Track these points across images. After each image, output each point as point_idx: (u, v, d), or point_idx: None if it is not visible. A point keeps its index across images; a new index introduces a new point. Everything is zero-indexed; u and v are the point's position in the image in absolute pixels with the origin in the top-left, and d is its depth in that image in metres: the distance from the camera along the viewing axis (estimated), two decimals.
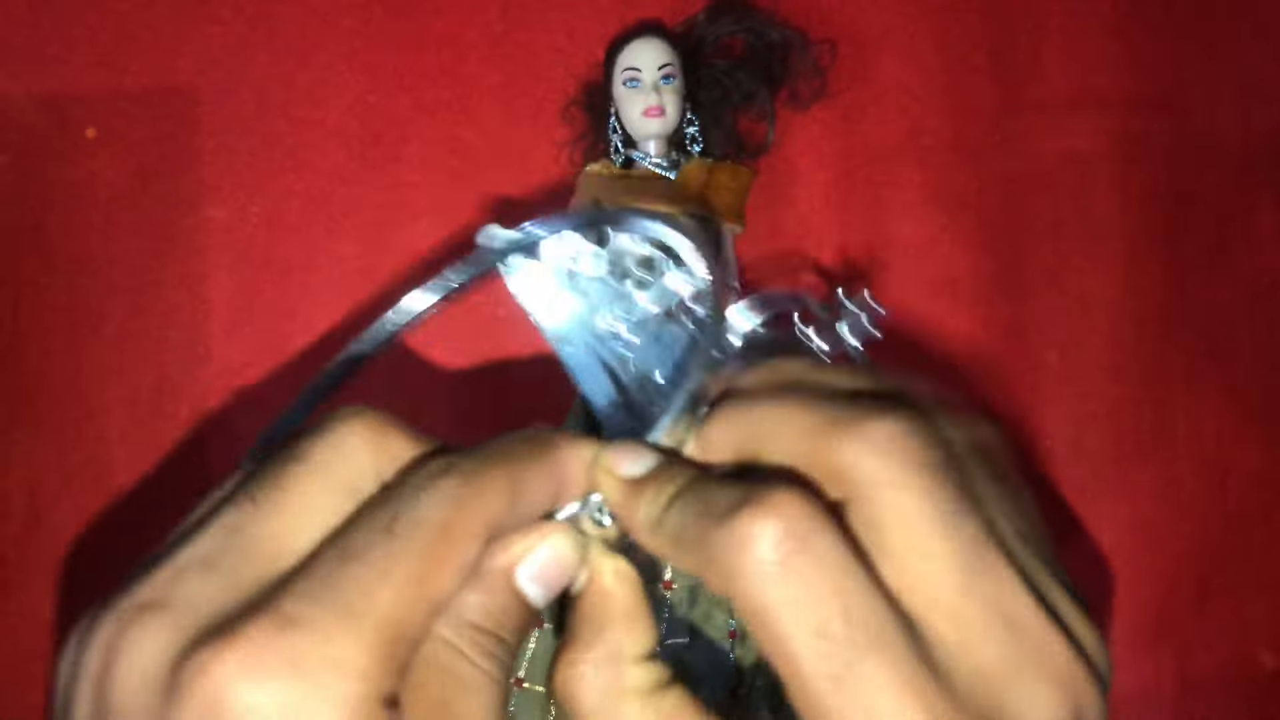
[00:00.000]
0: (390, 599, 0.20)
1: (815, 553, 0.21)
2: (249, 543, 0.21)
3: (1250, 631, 0.62)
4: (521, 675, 0.55)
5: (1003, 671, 0.21)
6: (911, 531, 0.21)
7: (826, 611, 0.20)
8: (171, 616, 0.20)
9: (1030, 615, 0.21)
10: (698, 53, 0.58)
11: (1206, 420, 0.63)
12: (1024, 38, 0.63)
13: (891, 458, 0.22)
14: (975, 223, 0.62)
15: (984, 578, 0.21)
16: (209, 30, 0.60)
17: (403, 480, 0.22)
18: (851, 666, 0.20)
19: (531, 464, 0.23)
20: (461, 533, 0.22)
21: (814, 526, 0.21)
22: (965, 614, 0.21)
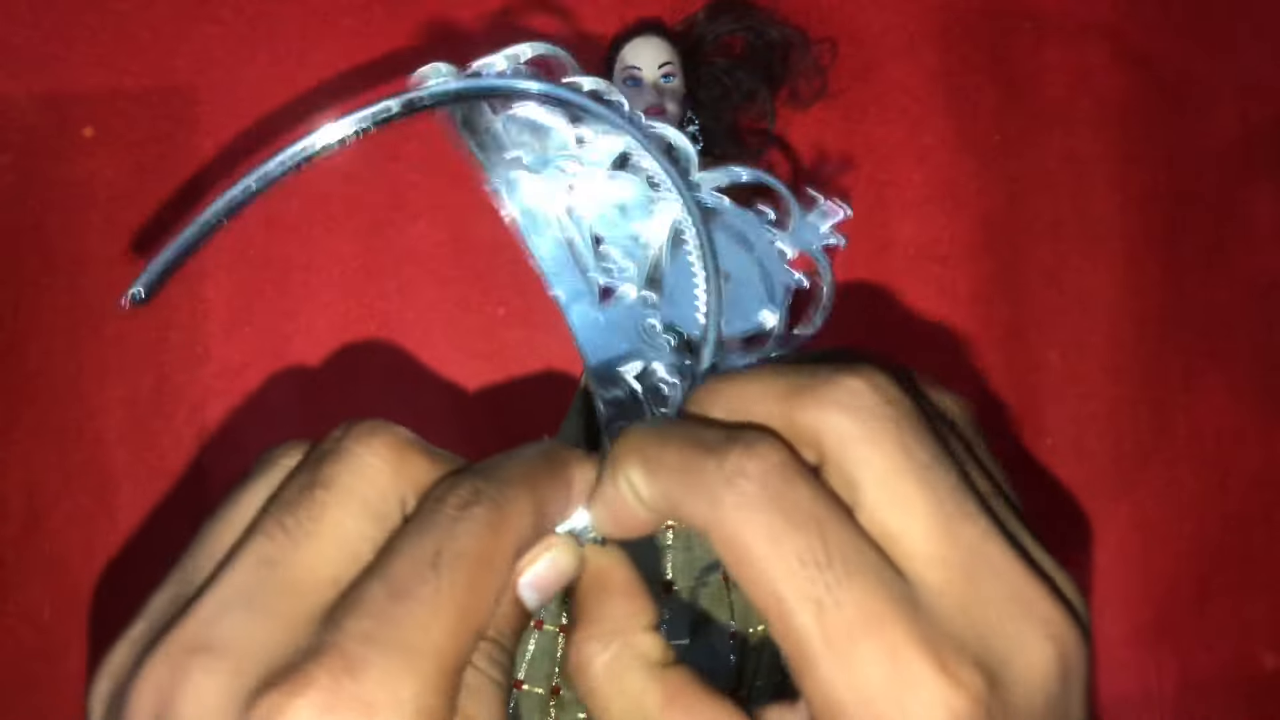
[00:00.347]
0: (444, 633, 0.21)
1: (796, 486, 0.21)
2: (286, 576, 0.21)
3: (1250, 631, 0.62)
4: (521, 677, 0.55)
5: (988, 615, 0.21)
6: (888, 485, 0.22)
7: (807, 538, 0.21)
8: (226, 660, 0.20)
9: (1012, 562, 0.22)
10: (698, 51, 0.58)
11: (1206, 420, 0.63)
12: (1024, 38, 0.63)
13: (860, 414, 0.22)
14: (975, 223, 0.62)
15: (964, 525, 0.21)
16: (208, 30, 0.60)
17: (433, 508, 0.22)
18: (832, 591, 0.20)
19: (550, 483, 0.24)
20: (499, 559, 0.22)
21: (794, 465, 0.22)
22: (949, 560, 0.21)
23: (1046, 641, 0.21)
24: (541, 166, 0.31)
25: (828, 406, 0.22)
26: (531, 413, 0.59)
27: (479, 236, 0.60)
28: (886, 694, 0.20)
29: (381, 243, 0.60)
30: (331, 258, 0.60)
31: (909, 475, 0.22)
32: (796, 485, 0.21)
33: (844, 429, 0.22)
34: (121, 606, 0.59)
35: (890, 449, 0.22)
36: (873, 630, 0.20)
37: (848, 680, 0.20)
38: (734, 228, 0.31)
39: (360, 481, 0.23)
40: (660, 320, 0.31)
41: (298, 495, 0.22)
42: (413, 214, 0.61)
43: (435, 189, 0.61)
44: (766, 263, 0.31)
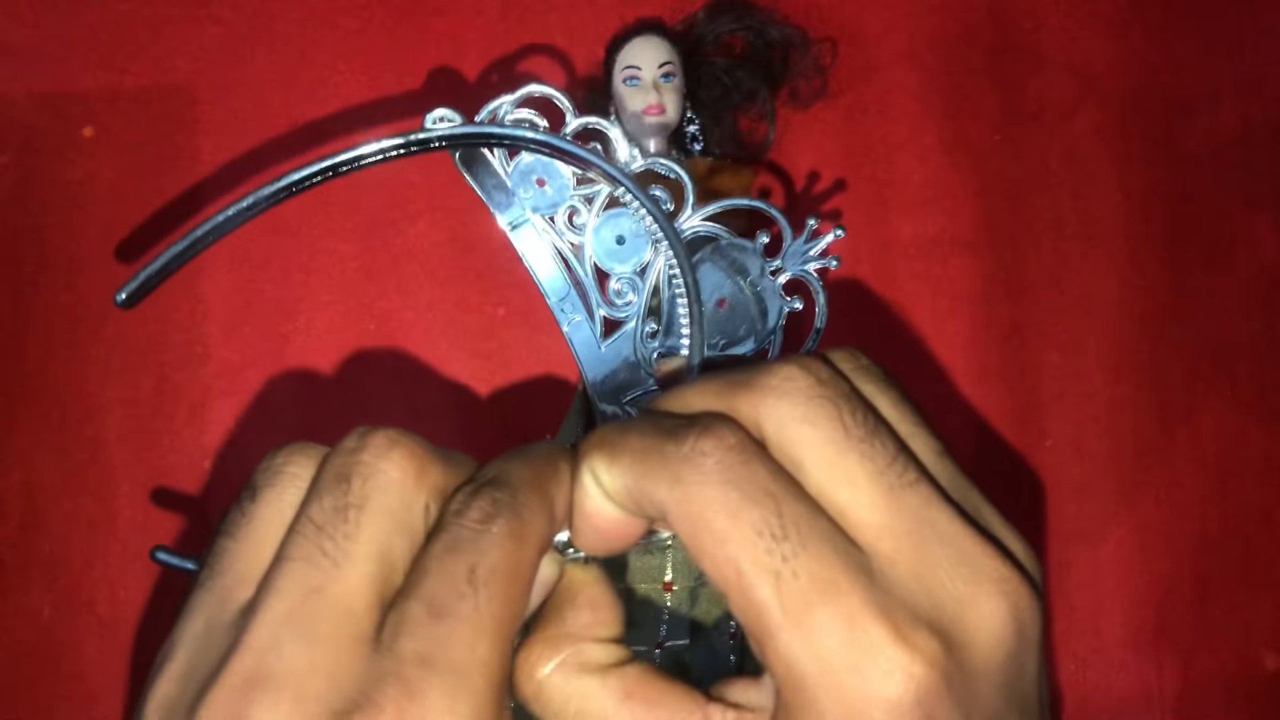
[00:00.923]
0: (489, 648, 0.22)
1: (752, 463, 0.22)
2: (335, 603, 0.22)
3: (1251, 632, 0.62)
4: None
5: (939, 579, 0.22)
6: (830, 461, 0.22)
7: (763, 511, 0.22)
8: (289, 691, 0.21)
9: (956, 525, 0.22)
10: (698, 51, 0.58)
11: (1207, 420, 0.63)
12: (1024, 38, 0.63)
13: (796, 396, 0.23)
14: (975, 223, 0.62)
15: (907, 493, 0.22)
16: (208, 30, 0.60)
17: (457, 523, 0.23)
18: (789, 562, 0.21)
19: (557, 486, 0.25)
20: (526, 568, 0.23)
21: (750, 444, 0.23)
22: (895, 528, 0.22)
23: (998, 599, 0.22)
24: (545, 207, 0.33)
25: (765, 393, 0.23)
26: (531, 413, 0.59)
27: (479, 236, 0.60)
28: (845, 662, 0.21)
29: (381, 243, 0.60)
30: (331, 258, 0.60)
31: (849, 450, 0.22)
32: (752, 462, 0.22)
33: (782, 412, 0.23)
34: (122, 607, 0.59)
35: (828, 426, 0.23)
36: (829, 599, 0.21)
37: (807, 649, 0.21)
38: (730, 256, 0.33)
39: (389, 498, 0.23)
40: (659, 348, 0.32)
41: (333, 517, 0.23)
42: (413, 214, 0.60)
43: (435, 189, 0.61)
44: (762, 288, 0.33)
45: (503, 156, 0.33)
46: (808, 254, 0.33)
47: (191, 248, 0.29)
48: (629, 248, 0.32)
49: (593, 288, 0.33)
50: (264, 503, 0.24)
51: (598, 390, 0.33)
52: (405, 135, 0.31)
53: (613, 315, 0.33)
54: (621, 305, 0.33)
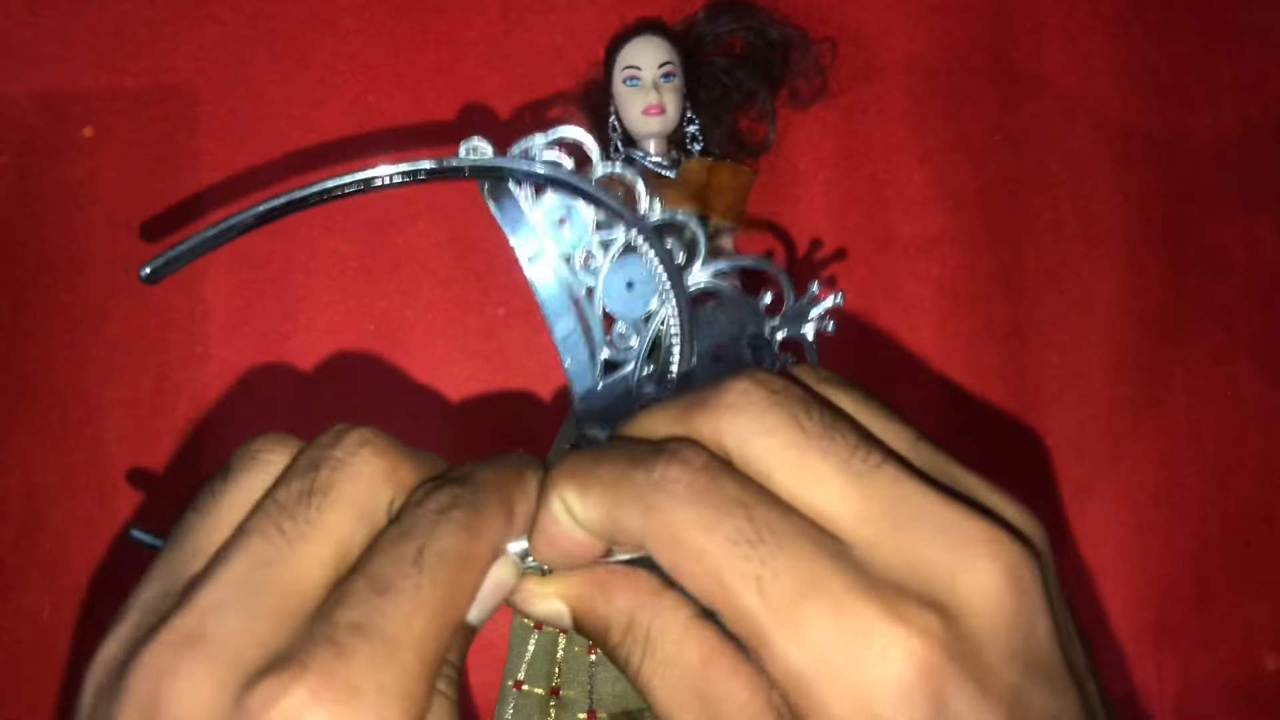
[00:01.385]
0: (425, 625, 0.22)
1: (720, 479, 0.22)
2: (282, 576, 0.22)
3: (1251, 632, 0.62)
4: (521, 678, 0.55)
5: (924, 553, 0.21)
6: (794, 464, 0.22)
7: (735, 520, 0.22)
8: (222, 651, 0.21)
9: (930, 496, 0.22)
10: (698, 51, 0.58)
11: (1206, 421, 0.63)
12: (1024, 38, 0.63)
13: (751, 409, 0.23)
14: (975, 223, 0.62)
15: (875, 475, 0.22)
16: (208, 30, 0.60)
17: (414, 511, 0.24)
18: (768, 564, 0.21)
19: (519, 492, 0.25)
20: (475, 560, 0.23)
21: (716, 463, 0.23)
22: (869, 513, 0.22)
23: (988, 561, 0.21)
24: (564, 247, 0.34)
25: (721, 411, 0.23)
26: (531, 413, 0.59)
27: (479, 236, 0.60)
28: (841, 650, 0.20)
29: (381, 243, 0.60)
30: (331, 258, 0.60)
31: (809, 449, 0.22)
32: (719, 478, 0.22)
33: (740, 427, 0.23)
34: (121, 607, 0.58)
35: (785, 431, 0.23)
36: (814, 591, 0.21)
37: (801, 646, 0.21)
38: (732, 310, 0.34)
39: (354, 488, 0.24)
40: (653, 392, 0.34)
41: (295, 501, 0.23)
42: (413, 214, 0.60)
43: (435, 189, 0.61)
44: (758, 345, 0.34)
45: (529, 192, 0.34)
46: (806, 316, 0.35)
47: (221, 235, 0.30)
48: (638, 294, 0.34)
49: (598, 329, 0.34)
50: (234, 484, 0.25)
51: (584, 425, 0.34)
52: (440, 161, 0.33)
53: (614, 358, 0.34)
54: (623, 349, 0.34)
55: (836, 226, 0.62)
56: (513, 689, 0.55)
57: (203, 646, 0.21)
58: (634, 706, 0.54)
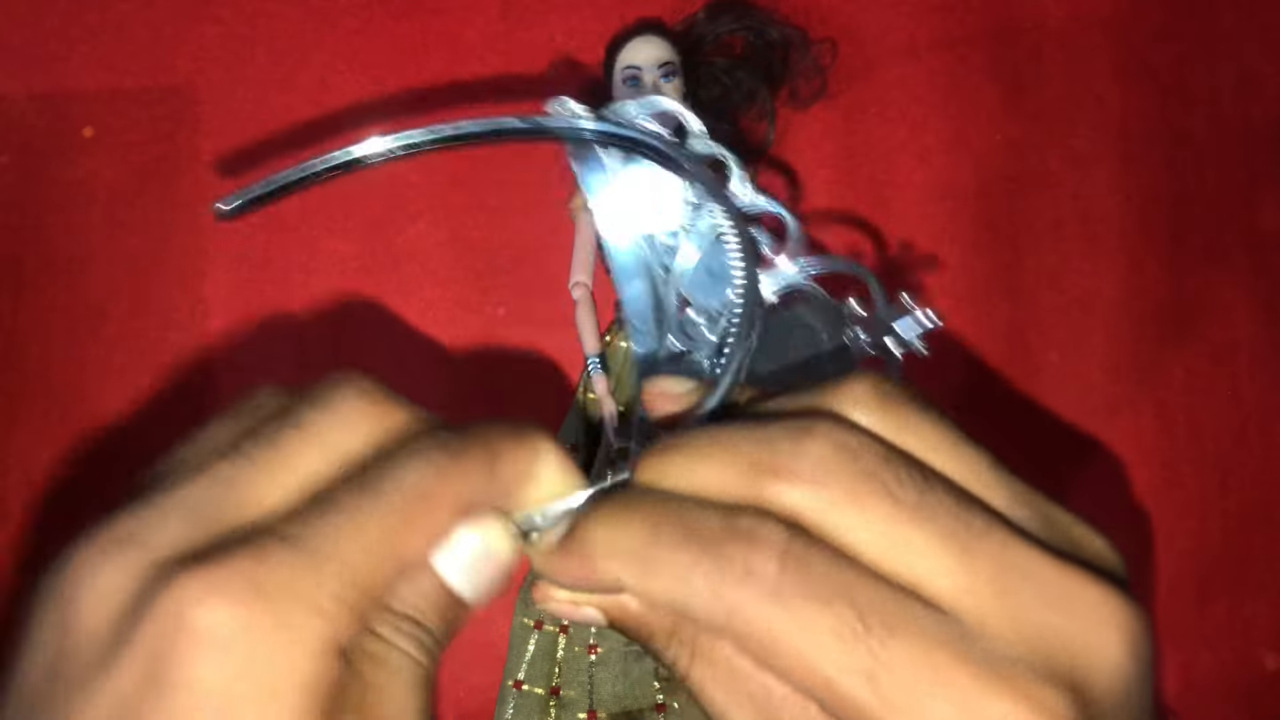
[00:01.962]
0: (359, 549, 0.21)
1: (811, 563, 0.20)
2: (234, 495, 0.21)
3: (1251, 631, 0.62)
4: (521, 678, 0.55)
5: (1040, 625, 0.20)
6: (887, 536, 0.21)
7: (839, 610, 0.20)
8: (147, 552, 0.20)
9: (1039, 560, 0.20)
10: (698, 51, 0.58)
11: (1207, 420, 0.63)
12: (1024, 38, 0.63)
13: (832, 480, 0.21)
14: (975, 223, 0.62)
15: (978, 544, 0.20)
16: (208, 30, 0.60)
17: (390, 449, 0.23)
18: (879, 656, 0.19)
19: (514, 455, 0.24)
20: (437, 500, 0.22)
21: (801, 541, 0.20)
22: (976, 585, 0.20)
23: (1108, 630, 0.20)
24: (646, 221, 0.32)
25: (799, 484, 0.21)
26: (531, 413, 0.59)
27: (479, 236, 0.60)
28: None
29: (381, 243, 0.60)
30: (331, 258, 0.60)
31: (904, 520, 0.20)
32: (811, 562, 0.20)
33: (822, 500, 0.21)
34: None
35: (875, 502, 0.21)
36: (934, 682, 0.19)
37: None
38: (819, 313, 0.32)
39: (330, 423, 0.23)
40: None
41: (266, 429, 0.23)
42: (413, 214, 0.60)
43: (435, 189, 0.61)
44: (839, 353, 0.32)
45: (618, 156, 0.32)
46: (892, 330, 0.32)
47: (305, 180, 0.29)
48: (718, 282, 0.31)
49: (673, 315, 0.32)
50: (223, 423, 0.24)
51: (634, 408, 0.33)
52: (533, 121, 0.30)
53: (681, 345, 0.32)
54: (691, 336, 0.32)
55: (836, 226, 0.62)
56: (513, 689, 0.55)
57: (131, 548, 0.21)
58: (634, 706, 0.54)
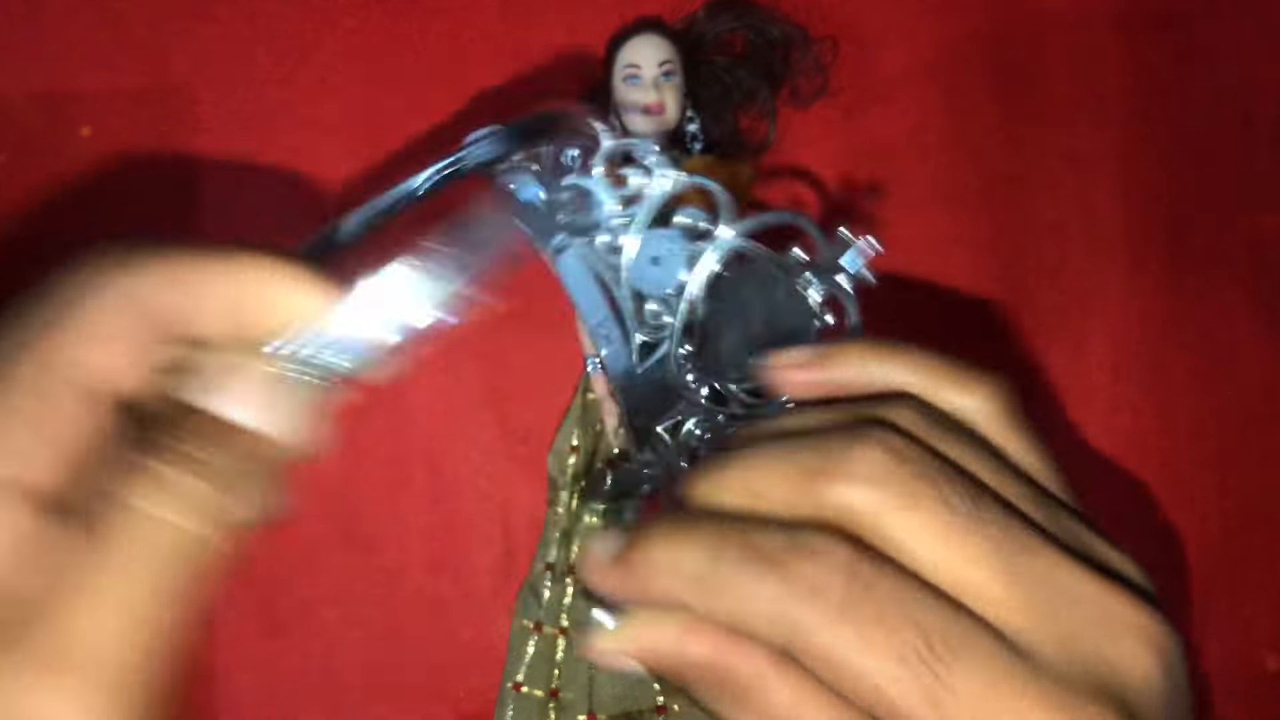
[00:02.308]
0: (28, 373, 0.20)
1: (876, 582, 0.21)
2: None
3: (1250, 631, 0.62)
4: (520, 680, 0.55)
5: (1086, 646, 0.21)
6: (940, 544, 0.21)
7: (903, 634, 0.20)
8: None
9: (1084, 580, 0.21)
10: (698, 49, 0.58)
11: (1207, 420, 0.63)
12: (1024, 38, 0.63)
13: (889, 484, 0.21)
14: (976, 222, 0.62)
15: (1027, 560, 0.21)
16: (207, 29, 0.60)
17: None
18: (943, 680, 0.20)
19: (224, 267, 0.22)
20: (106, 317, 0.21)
21: (864, 558, 0.21)
22: (1025, 602, 0.21)
23: (1145, 649, 0.21)
24: (587, 230, 0.32)
25: (855, 485, 0.22)
26: (531, 413, 0.59)
27: None
28: None
29: None
30: None
31: (957, 530, 0.21)
32: (876, 581, 0.21)
33: (876, 503, 0.21)
34: None
35: (930, 508, 0.21)
36: (998, 706, 0.20)
37: None
38: (766, 272, 0.32)
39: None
40: (694, 373, 0.32)
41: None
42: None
43: None
44: (796, 305, 0.33)
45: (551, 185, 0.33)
46: (840, 267, 0.33)
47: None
48: (665, 269, 0.32)
49: (629, 311, 0.32)
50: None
51: (632, 415, 0.32)
52: (458, 158, 0.32)
53: (650, 338, 0.32)
54: (656, 327, 0.32)
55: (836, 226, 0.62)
56: (512, 691, 0.55)
57: None
58: (634, 709, 0.54)
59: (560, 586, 0.55)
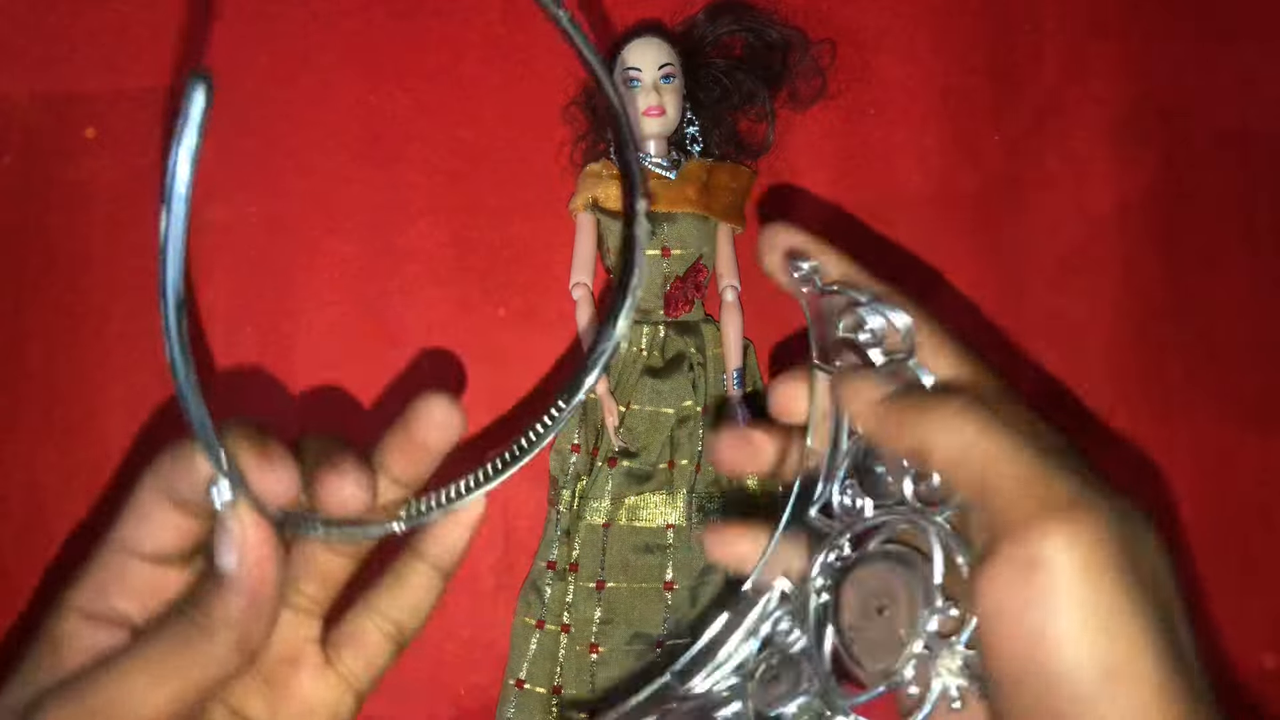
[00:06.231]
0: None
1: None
2: None
3: (1251, 632, 0.62)
4: (523, 677, 0.55)
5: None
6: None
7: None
8: None
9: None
10: (698, 52, 0.58)
11: (1207, 420, 0.63)
12: (1024, 38, 0.63)
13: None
14: (975, 223, 0.62)
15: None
16: (208, 31, 0.60)
17: None
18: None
19: (169, 465, 0.34)
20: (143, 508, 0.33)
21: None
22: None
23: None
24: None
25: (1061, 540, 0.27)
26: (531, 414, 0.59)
27: (479, 237, 0.61)
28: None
29: (381, 243, 0.60)
30: (331, 258, 0.60)
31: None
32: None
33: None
34: None
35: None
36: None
37: None
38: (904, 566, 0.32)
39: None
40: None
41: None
42: (413, 214, 0.61)
43: (435, 189, 0.61)
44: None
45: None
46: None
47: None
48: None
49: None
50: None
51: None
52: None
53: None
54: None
55: (836, 226, 0.62)
56: (514, 688, 0.55)
57: None
58: None
59: (562, 584, 0.55)
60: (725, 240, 0.57)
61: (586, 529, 0.55)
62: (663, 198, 0.56)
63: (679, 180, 0.56)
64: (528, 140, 0.60)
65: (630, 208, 0.34)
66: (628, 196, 0.34)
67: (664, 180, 0.56)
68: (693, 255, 0.56)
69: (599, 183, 0.56)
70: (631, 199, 0.34)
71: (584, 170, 0.58)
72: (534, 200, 0.60)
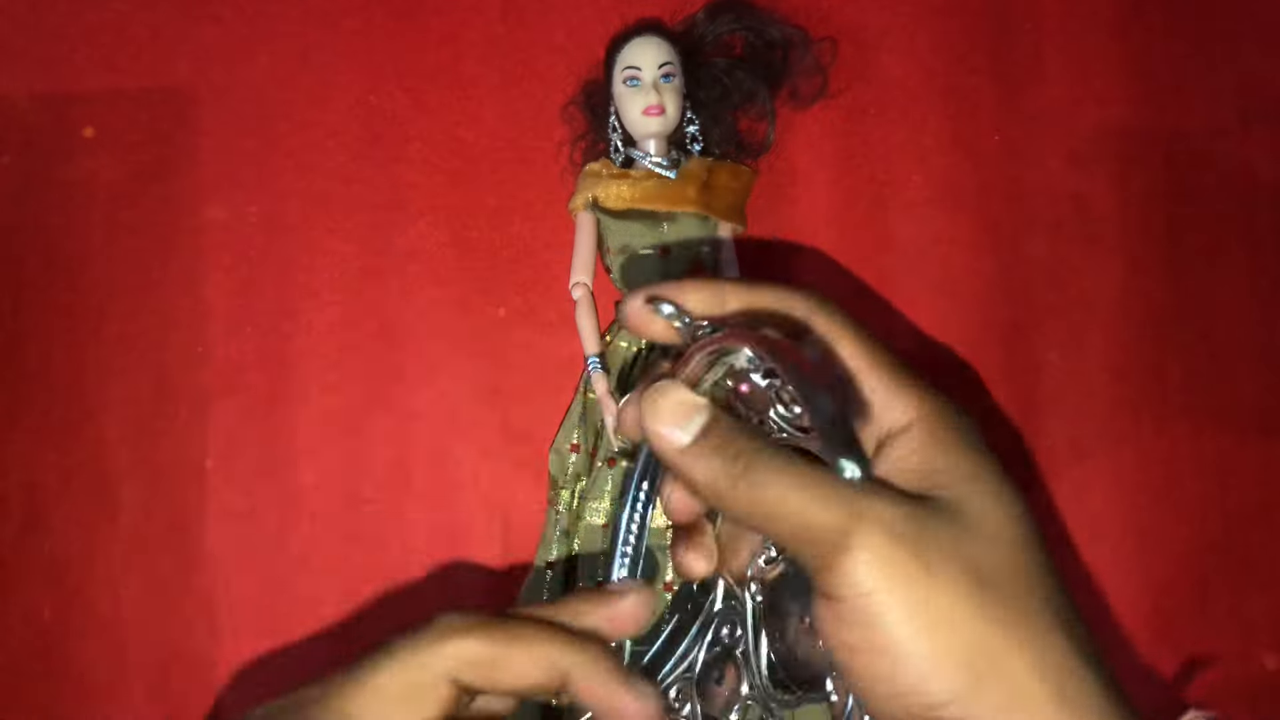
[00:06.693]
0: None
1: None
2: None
3: (1250, 631, 0.62)
4: None
5: None
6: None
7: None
8: None
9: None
10: (698, 51, 0.58)
11: (1206, 420, 0.63)
12: (1024, 38, 0.63)
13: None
14: (975, 223, 0.62)
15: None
16: (208, 30, 0.60)
17: None
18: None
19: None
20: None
21: None
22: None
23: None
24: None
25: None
26: (531, 414, 0.59)
27: (479, 236, 0.60)
28: None
29: (381, 243, 0.60)
30: (331, 258, 0.60)
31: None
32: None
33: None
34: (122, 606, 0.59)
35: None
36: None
37: None
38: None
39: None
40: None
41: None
42: (413, 214, 0.60)
43: (435, 189, 0.61)
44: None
45: None
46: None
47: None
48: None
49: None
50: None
51: None
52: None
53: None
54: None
55: (836, 226, 0.62)
56: None
57: None
58: None
59: (562, 585, 0.55)
60: (726, 240, 0.57)
61: (586, 529, 0.55)
62: (663, 197, 0.56)
63: (679, 179, 0.56)
64: (528, 140, 0.60)
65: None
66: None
67: (664, 180, 0.56)
68: (692, 255, 0.56)
69: (599, 182, 0.56)
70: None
71: (584, 170, 0.58)
72: (534, 200, 0.60)
